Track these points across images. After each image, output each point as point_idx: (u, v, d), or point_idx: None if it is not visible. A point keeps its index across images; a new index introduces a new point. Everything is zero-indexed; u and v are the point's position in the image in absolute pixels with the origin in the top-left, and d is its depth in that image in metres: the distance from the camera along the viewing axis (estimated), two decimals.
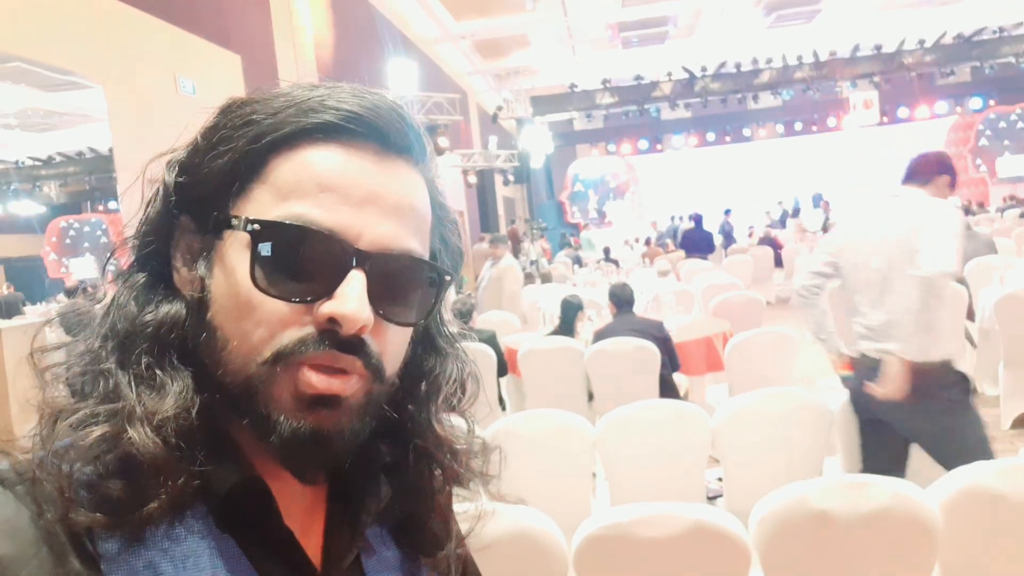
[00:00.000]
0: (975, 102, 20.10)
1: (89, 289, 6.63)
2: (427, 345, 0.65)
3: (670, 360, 4.26)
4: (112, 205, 7.89)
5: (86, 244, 8.55)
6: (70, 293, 6.45)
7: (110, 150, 5.84)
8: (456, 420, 0.68)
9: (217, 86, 6.78)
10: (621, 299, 4.57)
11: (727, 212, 16.59)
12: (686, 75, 17.28)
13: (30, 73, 5.12)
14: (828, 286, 2.95)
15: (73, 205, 8.85)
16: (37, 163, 7.58)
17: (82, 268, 8.24)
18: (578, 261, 14.63)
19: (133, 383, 0.52)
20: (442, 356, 0.65)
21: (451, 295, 0.72)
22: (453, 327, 0.68)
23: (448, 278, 0.59)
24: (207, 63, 6.81)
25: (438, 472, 0.65)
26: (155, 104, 5.90)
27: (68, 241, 8.58)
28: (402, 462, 0.63)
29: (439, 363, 0.65)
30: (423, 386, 0.64)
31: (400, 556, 0.63)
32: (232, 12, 7.60)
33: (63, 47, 5.06)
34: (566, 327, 4.85)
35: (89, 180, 8.44)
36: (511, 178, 17.55)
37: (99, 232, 8.54)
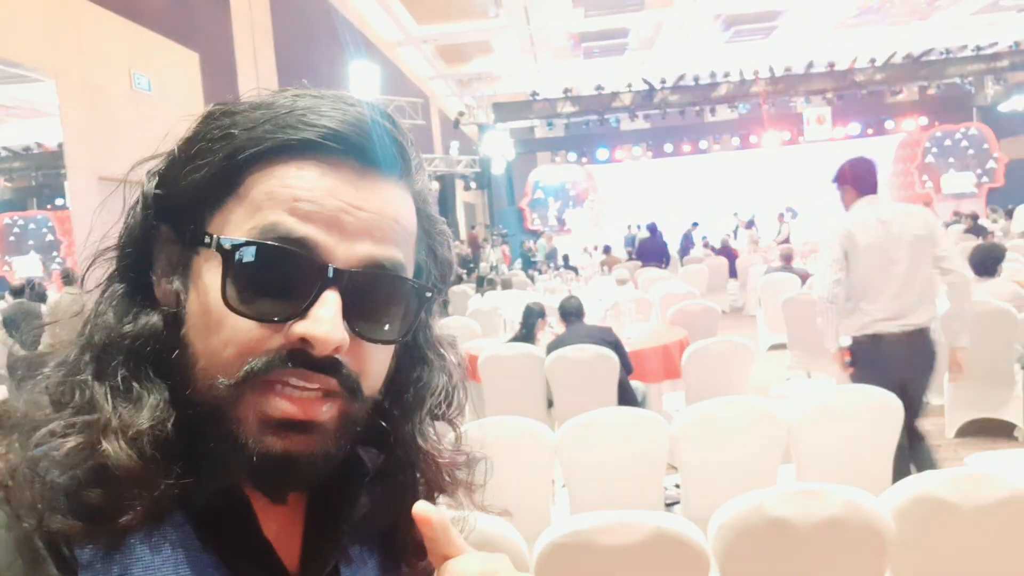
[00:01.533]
0: (922, 120, 20.82)
1: (35, 287, 6.42)
2: (413, 356, 0.64)
3: (618, 351, 4.32)
4: (59, 202, 7.66)
5: (31, 242, 8.29)
6: (16, 292, 6.24)
7: (59, 145, 5.68)
8: (443, 428, 0.67)
9: (174, 83, 6.65)
10: (569, 311, 4.64)
11: (695, 224, 16.96)
12: (645, 87, 17.52)
13: None
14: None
15: (18, 201, 8.58)
16: None
17: (26, 266, 7.98)
18: (535, 267, 14.69)
19: (109, 395, 0.51)
20: (428, 367, 0.64)
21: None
22: (442, 337, 0.67)
23: (429, 294, 0.58)
24: (164, 60, 6.67)
25: (421, 481, 0.64)
26: (109, 100, 5.76)
27: (12, 238, 8.30)
28: (385, 470, 0.62)
29: (425, 374, 0.64)
30: (407, 397, 0.63)
31: (380, 566, 0.63)
32: (191, 9, 7.47)
33: (13, 39, 4.90)
34: (527, 334, 4.86)
35: (36, 176, 8.19)
36: (472, 184, 17.58)
37: (45, 230, 8.28)
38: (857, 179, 3.50)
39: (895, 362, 3.33)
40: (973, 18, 15.44)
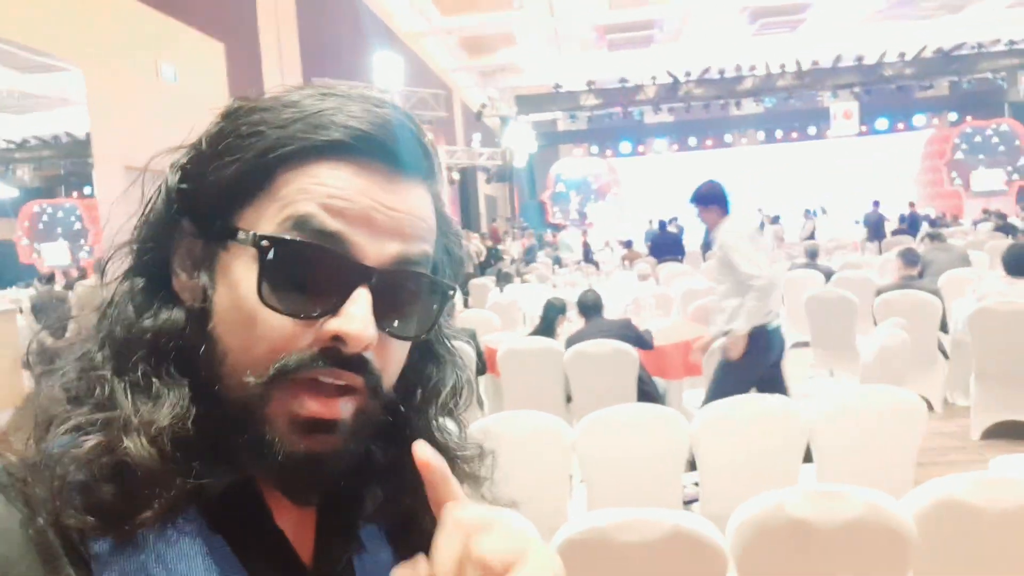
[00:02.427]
0: (952, 116, 20.48)
1: (62, 277, 6.52)
2: (426, 353, 0.64)
3: (640, 344, 4.33)
4: (87, 190, 7.77)
5: (59, 230, 8.42)
6: (46, 280, 6.34)
7: (87, 135, 5.75)
8: (450, 424, 0.67)
9: (199, 74, 6.70)
10: (587, 305, 4.62)
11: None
12: (670, 79, 17.39)
13: (7, 54, 5.02)
14: None
15: (47, 190, 8.71)
16: (11, 146, 7.43)
17: (54, 254, 8.11)
18: (558, 261, 14.68)
19: (129, 391, 0.51)
20: (441, 364, 0.65)
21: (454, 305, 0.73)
22: (453, 335, 0.68)
23: (451, 292, 0.59)
24: (190, 50, 6.72)
25: None
26: (135, 89, 5.82)
27: (41, 226, 8.44)
28: (397, 463, 0.62)
29: (438, 370, 0.65)
30: (421, 392, 0.64)
31: (394, 559, 0.63)
32: (217, 0, 7.52)
33: (43, 29, 4.97)
34: (546, 328, 4.86)
35: (64, 164, 8.30)
36: (494, 176, 17.57)
37: (73, 218, 8.40)
38: (722, 200, 4.02)
39: (773, 351, 3.94)
40: (1007, 12, 15.12)
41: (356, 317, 0.51)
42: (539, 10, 13.00)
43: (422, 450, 0.50)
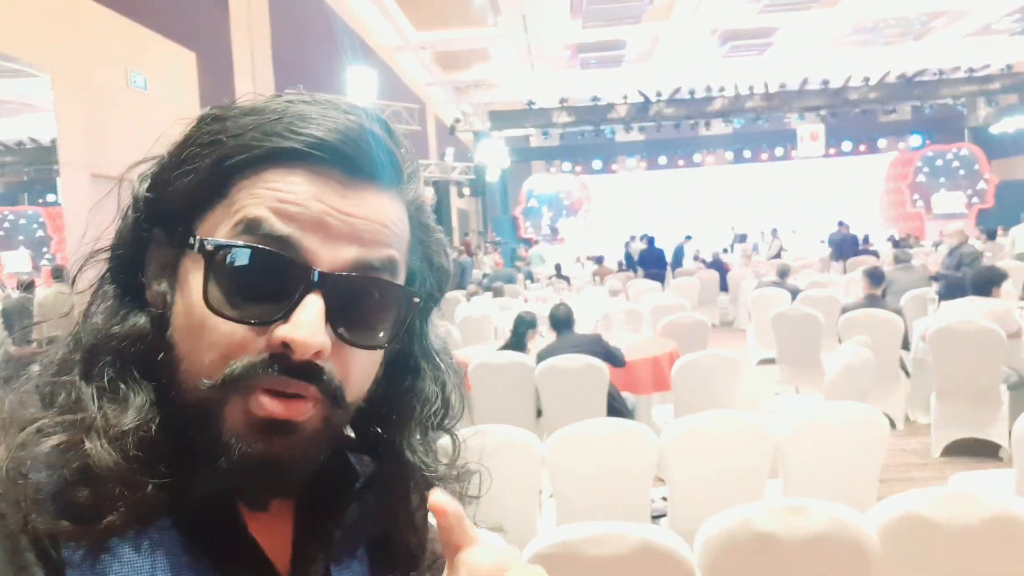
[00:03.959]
0: (914, 139, 21.01)
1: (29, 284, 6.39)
2: (404, 365, 0.63)
3: (611, 360, 4.34)
4: (51, 198, 7.62)
5: (21, 237, 8.24)
6: (25, 288, 6.21)
7: (53, 141, 5.65)
8: (442, 439, 0.67)
9: (170, 83, 6.63)
10: (559, 320, 4.64)
11: (687, 238, 17.16)
12: (641, 99, 17.60)
13: None
14: None
15: (9, 196, 8.54)
16: None
17: (15, 261, 7.93)
18: (529, 276, 14.71)
19: (95, 395, 0.51)
20: (421, 377, 0.64)
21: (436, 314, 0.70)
22: (437, 345, 0.66)
23: (416, 299, 0.58)
24: (161, 58, 6.65)
25: (415, 491, 0.64)
26: (105, 97, 5.74)
27: (1, 233, 8.26)
28: (376, 479, 0.62)
29: (416, 384, 0.64)
30: (397, 407, 0.63)
31: (372, 573, 0.62)
32: (189, 9, 7.46)
33: (9, 33, 4.88)
34: (517, 342, 4.86)
35: (28, 171, 8.14)
36: (466, 191, 17.60)
37: (35, 225, 8.24)
38: None
39: None
40: (966, 40, 15.61)
41: (304, 323, 0.50)
42: (513, 27, 13.10)
43: (437, 499, 0.50)
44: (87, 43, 5.66)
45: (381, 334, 0.56)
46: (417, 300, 0.58)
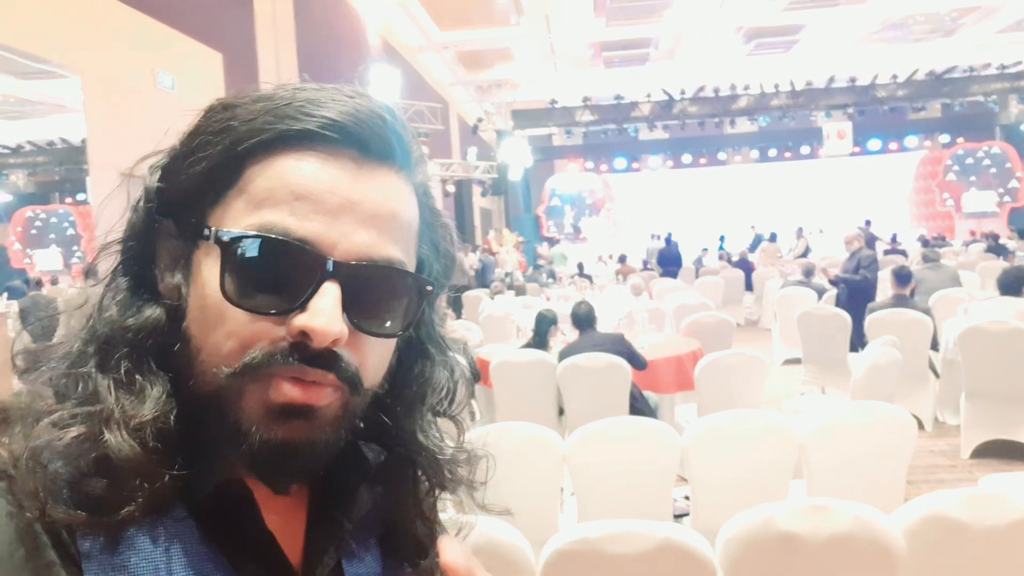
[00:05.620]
0: (944, 138, 20.65)
1: (47, 282, 6.50)
2: (415, 351, 0.64)
3: (633, 362, 4.31)
4: (81, 197, 7.75)
5: (52, 236, 8.38)
6: (35, 284, 6.32)
7: (83, 141, 5.74)
8: (447, 426, 0.67)
9: (197, 83, 6.72)
10: (581, 318, 4.63)
11: (722, 238, 17.19)
12: (665, 97, 17.50)
13: (5, 60, 5.02)
14: None
15: (41, 195, 8.68)
16: (6, 151, 7.42)
17: (47, 260, 8.07)
18: (552, 275, 14.68)
19: (112, 387, 0.52)
20: (431, 363, 0.64)
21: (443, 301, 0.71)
22: (446, 333, 0.67)
23: (429, 287, 0.58)
24: (188, 59, 6.74)
25: (423, 478, 0.64)
26: (132, 97, 5.83)
27: (34, 232, 8.40)
28: (387, 467, 0.62)
29: (427, 370, 0.64)
30: (408, 393, 0.63)
31: (382, 564, 0.63)
32: (215, 10, 7.55)
33: (41, 35, 4.98)
34: (539, 340, 4.86)
35: (59, 171, 8.28)
36: (489, 190, 17.61)
37: (66, 224, 8.37)
38: None
39: None
40: (998, 36, 15.31)
41: (322, 312, 0.51)
42: (536, 27, 13.09)
43: (450, 558, 0.50)
44: (116, 44, 5.75)
45: (396, 322, 0.56)
46: (430, 288, 0.58)
